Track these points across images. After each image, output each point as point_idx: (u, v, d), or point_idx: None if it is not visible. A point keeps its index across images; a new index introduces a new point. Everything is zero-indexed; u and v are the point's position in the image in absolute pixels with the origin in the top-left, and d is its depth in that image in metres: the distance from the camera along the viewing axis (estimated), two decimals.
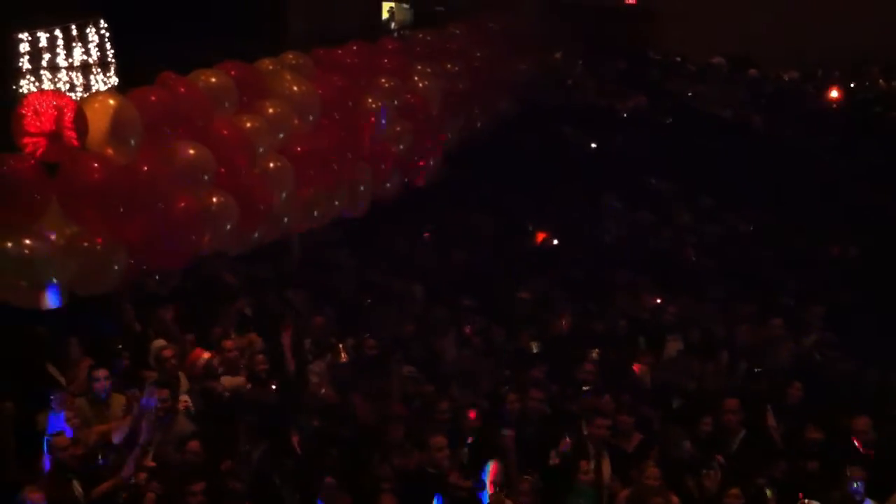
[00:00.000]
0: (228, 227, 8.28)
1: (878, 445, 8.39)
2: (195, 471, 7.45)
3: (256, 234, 8.81)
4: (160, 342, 8.58)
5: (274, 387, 8.85)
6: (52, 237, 7.13)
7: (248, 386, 8.70)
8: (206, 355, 8.66)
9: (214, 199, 8.12)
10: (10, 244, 6.96)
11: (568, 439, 8.36)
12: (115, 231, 7.39)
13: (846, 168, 13.10)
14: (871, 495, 7.80)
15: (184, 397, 8.17)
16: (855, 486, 7.69)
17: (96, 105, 7.36)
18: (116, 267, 7.38)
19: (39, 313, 7.57)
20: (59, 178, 7.11)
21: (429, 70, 11.55)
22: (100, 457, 7.36)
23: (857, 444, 8.37)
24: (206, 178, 8.03)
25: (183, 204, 7.78)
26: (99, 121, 7.24)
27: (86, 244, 7.20)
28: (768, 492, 7.78)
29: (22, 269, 6.98)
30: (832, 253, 11.82)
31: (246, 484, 7.52)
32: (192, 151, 7.85)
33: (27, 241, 6.99)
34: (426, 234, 12.54)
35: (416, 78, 11.17)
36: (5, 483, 7.15)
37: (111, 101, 7.40)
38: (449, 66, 12.24)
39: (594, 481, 8.01)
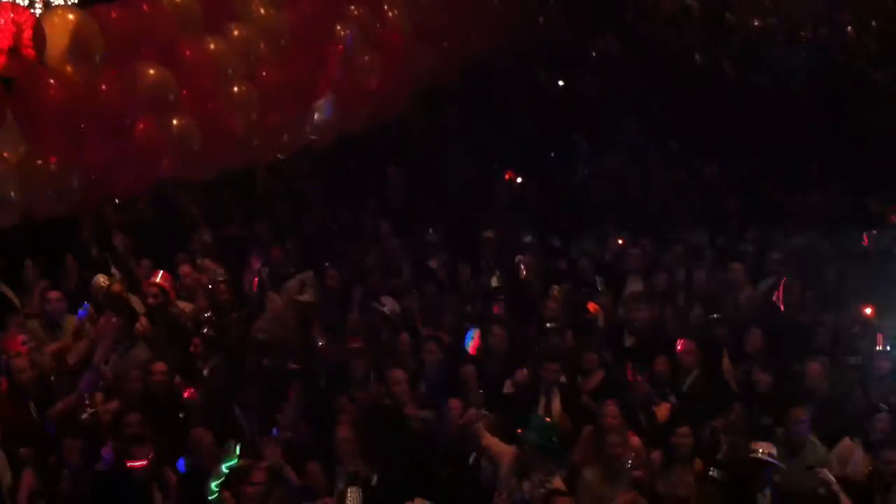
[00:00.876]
0: (191, 151, 8.14)
1: (830, 391, 8.50)
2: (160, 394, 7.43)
3: (221, 161, 8.69)
4: (100, 277, 8.50)
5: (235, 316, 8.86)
6: (5, 155, 7.00)
7: (208, 313, 8.69)
8: (163, 280, 8.61)
9: (176, 123, 7.97)
10: None
11: (525, 370, 8.43)
12: (72, 152, 7.27)
13: (814, 118, 13.15)
14: (822, 441, 7.94)
15: (142, 320, 8.13)
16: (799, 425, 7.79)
17: (56, 20, 7.16)
18: (71, 189, 7.25)
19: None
20: (16, 95, 6.96)
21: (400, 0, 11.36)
22: (52, 378, 7.33)
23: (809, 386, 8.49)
24: (168, 100, 7.87)
25: (143, 126, 7.63)
26: (58, 37, 7.05)
27: (39, 164, 7.08)
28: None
29: None
30: (795, 201, 11.88)
31: (204, 408, 7.55)
32: (153, 72, 7.69)
33: None
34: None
35: (385, 7, 10.99)
36: None
37: (71, 17, 7.20)
38: None
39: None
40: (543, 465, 7.31)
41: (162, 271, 8.69)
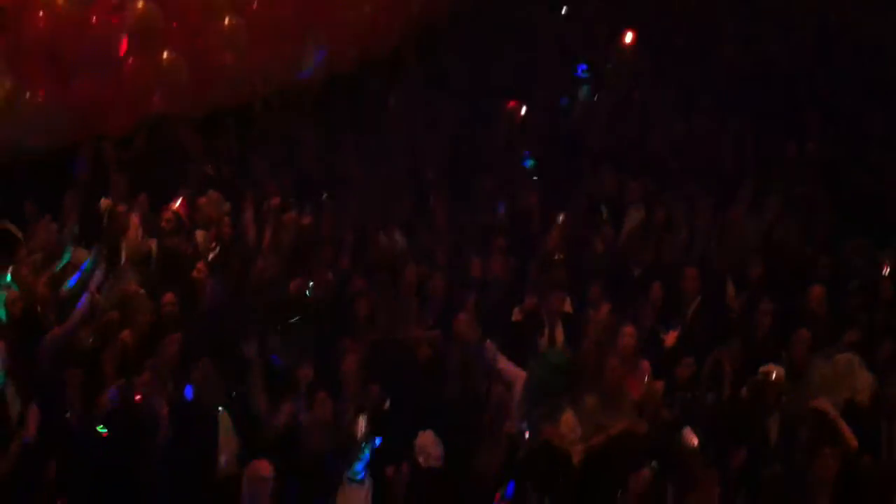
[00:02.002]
0: (179, 87, 8.05)
1: (829, 316, 8.51)
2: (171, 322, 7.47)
3: (212, 97, 8.60)
4: (108, 201, 8.48)
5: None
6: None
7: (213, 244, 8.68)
8: (180, 208, 8.58)
9: (165, 57, 7.87)
10: None
11: (534, 298, 8.43)
12: (60, 87, 7.18)
13: (811, 67, 13.12)
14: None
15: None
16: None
17: None
18: (60, 124, 7.18)
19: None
20: (4, 27, 6.85)
21: None
22: (38, 308, 7.30)
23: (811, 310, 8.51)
24: (156, 34, 7.76)
25: (132, 61, 7.54)
26: None
27: (27, 98, 6.98)
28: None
29: None
30: (792, 149, 11.82)
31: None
32: (141, 6, 7.57)
33: None
34: None
35: None
36: None
37: None
38: None
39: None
40: (552, 398, 7.30)
41: (181, 199, 8.67)
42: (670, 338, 8.29)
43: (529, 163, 11.34)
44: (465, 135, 12.12)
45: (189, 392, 7.22)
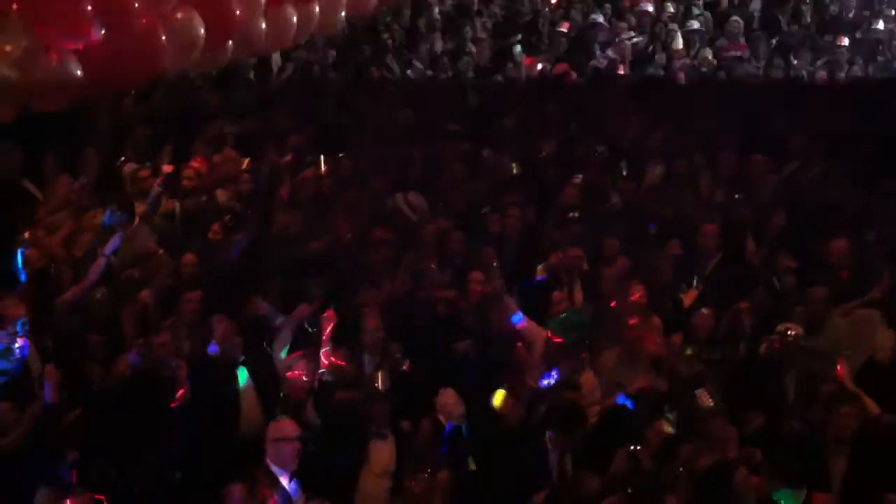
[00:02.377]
0: (193, 45, 7.92)
1: (852, 268, 8.43)
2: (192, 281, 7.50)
3: (228, 52, 8.48)
4: (132, 165, 8.47)
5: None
6: (7, 49, 6.86)
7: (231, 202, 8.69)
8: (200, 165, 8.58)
9: (179, 16, 7.74)
10: None
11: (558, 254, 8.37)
12: (75, 43, 7.11)
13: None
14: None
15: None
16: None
17: None
18: (73, 82, 7.13)
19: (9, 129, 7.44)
20: None
21: None
22: (52, 271, 7.34)
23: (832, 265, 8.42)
24: None
25: (144, 20, 7.43)
26: None
27: (41, 57, 6.94)
28: None
29: None
30: (818, 85, 11.63)
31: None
32: None
33: None
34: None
35: None
36: None
37: None
38: None
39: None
40: (572, 356, 7.31)
41: (201, 157, 8.67)
42: (689, 297, 8.23)
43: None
44: (487, 83, 11.99)
45: (210, 350, 7.26)
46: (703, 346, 7.81)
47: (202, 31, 7.73)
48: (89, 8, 6.96)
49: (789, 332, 7.46)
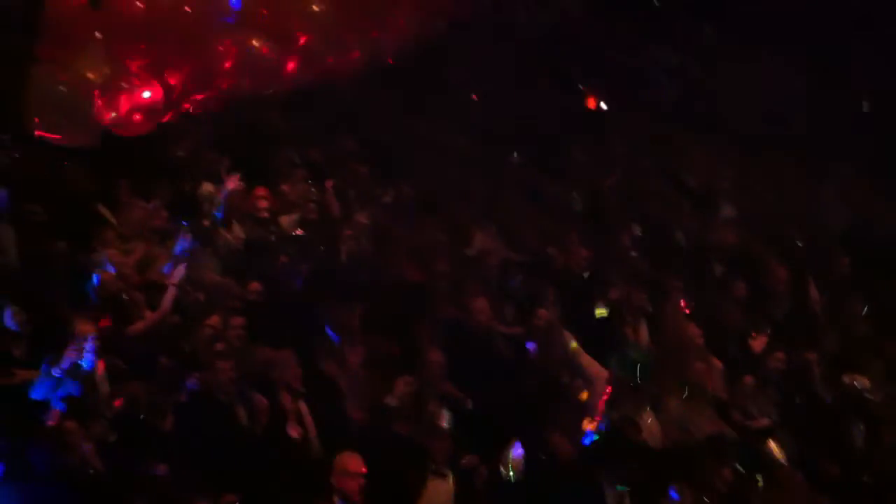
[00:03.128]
0: (268, 70, 8.04)
1: None
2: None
3: (296, 74, 8.58)
4: (208, 186, 8.57)
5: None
6: (91, 76, 7.00)
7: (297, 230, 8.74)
8: (263, 202, 8.66)
9: (255, 43, 7.86)
10: (51, 81, 6.86)
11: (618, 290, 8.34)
12: (156, 70, 7.25)
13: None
14: None
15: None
16: None
17: None
18: (155, 108, 7.26)
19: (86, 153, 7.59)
20: (103, 14, 6.93)
21: None
22: (124, 295, 7.41)
23: None
24: (247, 18, 7.75)
25: (222, 48, 7.55)
26: None
27: (123, 84, 7.07)
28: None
29: (63, 106, 6.89)
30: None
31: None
32: None
33: (68, 79, 6.88)
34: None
35: None
36: (57, 318, 7.27)
37: None
38: None
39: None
40: (633, 397, 7.26)
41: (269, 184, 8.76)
42: (759, 341, 8.12)
43: None
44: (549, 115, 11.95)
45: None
46: (774, 391, 7.69)
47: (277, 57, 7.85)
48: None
49: (855, 384, 7.33)
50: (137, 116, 7.43)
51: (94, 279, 7.33)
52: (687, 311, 8.43)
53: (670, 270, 9.00)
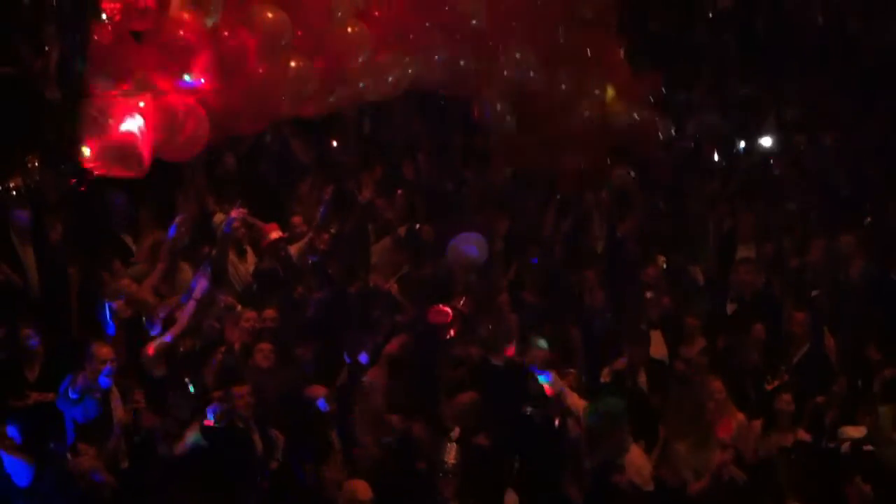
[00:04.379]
0: (307, 92, 8.12)
1: None
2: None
3: (332, 98, 8.65)
4: (220, 216, 8.65)
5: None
6: (140, 104, 7.12)
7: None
8: (275, 234, 8.75)
9: (293, 65, 7.95)
10: (102, 115, 6.98)
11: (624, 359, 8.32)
12: (198, 96, 7.36)
13: None
14: None
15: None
16: None
17: None
18: (200, 134, 7.37)
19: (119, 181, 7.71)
20: (145, 45, 7.06)
21: None
22: (144, 319, 7.49)
23: None
24: (284, 42, 7.85)
25: (262, 70, 7.64)
26: None
27: (167, 110, 7.19)
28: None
29: (113, 141, 7.00)
30: None
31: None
32: (270, 15, 7.68)
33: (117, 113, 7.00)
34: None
35: None
36: (74, 340, 7.36)
37: None
38: None
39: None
40: (614, 436, 7.20)
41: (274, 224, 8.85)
42: (775, 385, 8.09)
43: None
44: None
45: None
46: (782, 435, 7.65)
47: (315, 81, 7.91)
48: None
49: (852, 437, 7.29)
50: (181, 144, 7.52)
51: (109, 305, 7.43)
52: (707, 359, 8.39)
53: (689, 311, 8.97)
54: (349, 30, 8.45)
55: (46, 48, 8.99)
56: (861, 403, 7.93)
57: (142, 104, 7.20)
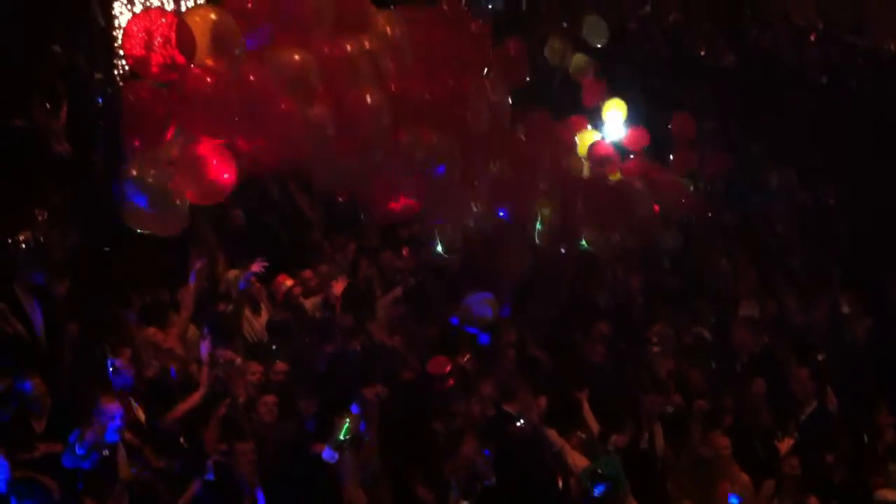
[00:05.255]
0: (326, 139, 7.97)
1: None
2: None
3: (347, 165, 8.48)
4: (235, 272, 8.66)
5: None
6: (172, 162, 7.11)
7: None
8: (289, 282, 8.74)
9: (316, 110, 7.86)
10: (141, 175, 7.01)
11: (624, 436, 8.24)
12: (228, 141, 7.33)
13: None
14: None
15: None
16: None
17: (197, 19, 7.16)
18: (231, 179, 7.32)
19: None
20: (174, 95, 7.08)
21: None
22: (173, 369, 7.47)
23: None
24: (311, 84, 7.73)
25: (285, 107, 7.57)
26: (201, 35, 7.09)
27: (198, 164, 7.14)
28: None
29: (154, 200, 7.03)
30: None
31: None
32: (297, 58, 7.67)
33: (153, 169, 7.04)
34: None
35: None
36: (82, 394, 7.32)
37: (212, 15, 7.19)
38: None
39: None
40: (613, 498, 7.14)
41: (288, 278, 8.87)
42: (785, 444, 8.04)
43: None
44: None
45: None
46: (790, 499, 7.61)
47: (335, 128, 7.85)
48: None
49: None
50: (212, 190, 7.50)
51: (112, 361, 7.41)
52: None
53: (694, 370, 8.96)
54: (368, 97, 8.08)
55: (56, 103, 9.18)
56: (869, 462, 7.91)
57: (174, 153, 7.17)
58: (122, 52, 9.94)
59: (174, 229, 7.34)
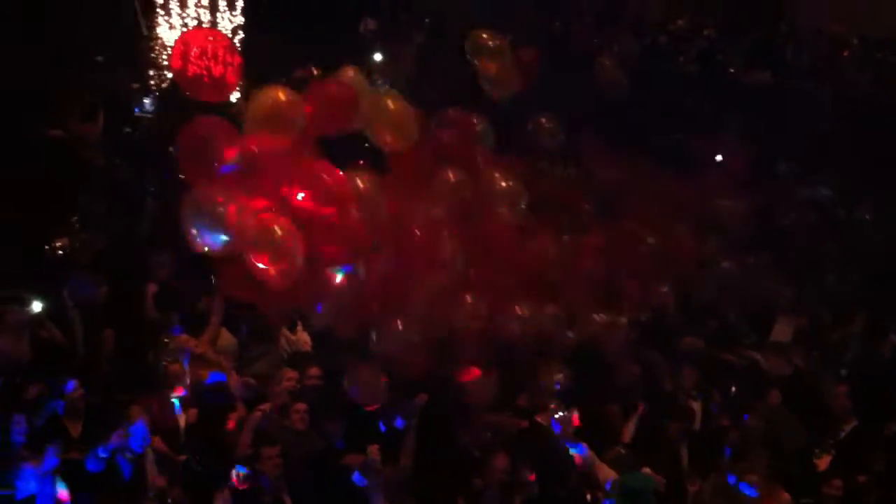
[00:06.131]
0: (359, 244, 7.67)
1: None
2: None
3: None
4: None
5: None
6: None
7: None
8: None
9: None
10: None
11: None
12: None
13: None
14: None
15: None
16: None
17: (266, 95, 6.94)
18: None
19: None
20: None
21: None
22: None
23: None
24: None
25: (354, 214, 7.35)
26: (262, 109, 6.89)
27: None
28: None
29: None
30: None
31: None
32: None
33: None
34: None
35: None
36: (115, 400, 7.37)
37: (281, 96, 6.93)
38: None
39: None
40: None
41: None
42: (823, 461, 7.95)
43: None
44: None
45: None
46: None
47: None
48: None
49: None
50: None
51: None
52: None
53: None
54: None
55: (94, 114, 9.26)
56: None
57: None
58: (160, 64, 10.09)
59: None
